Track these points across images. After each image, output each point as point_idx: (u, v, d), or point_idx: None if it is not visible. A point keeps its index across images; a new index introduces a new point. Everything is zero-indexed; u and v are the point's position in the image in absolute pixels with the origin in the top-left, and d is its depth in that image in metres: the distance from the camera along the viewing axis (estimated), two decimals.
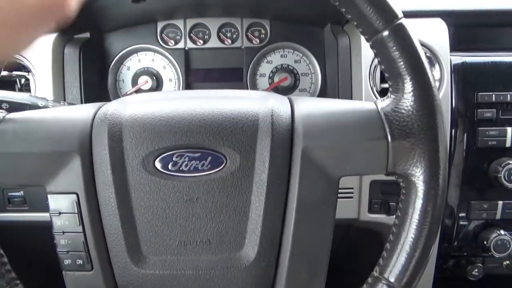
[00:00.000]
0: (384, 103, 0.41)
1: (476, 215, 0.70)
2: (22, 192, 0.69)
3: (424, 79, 0.38)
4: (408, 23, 0.38)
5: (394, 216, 0.41)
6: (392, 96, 0.40)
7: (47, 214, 0.70)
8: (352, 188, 0.70)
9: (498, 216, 0.70)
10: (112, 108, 0.42)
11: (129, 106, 0.42)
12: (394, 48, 0.38)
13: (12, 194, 0.69)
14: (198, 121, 0.41)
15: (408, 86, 0.38)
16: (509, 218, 0.70)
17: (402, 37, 0.38)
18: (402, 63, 0.38)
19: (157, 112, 0.41)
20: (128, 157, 0.40)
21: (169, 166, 0.40)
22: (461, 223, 0.73)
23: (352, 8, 0.38)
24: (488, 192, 0.70)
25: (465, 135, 0.68)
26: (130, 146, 0.40)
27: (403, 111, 0.39)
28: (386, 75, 0.40)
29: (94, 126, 0.41)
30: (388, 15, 0.38)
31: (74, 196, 0.40)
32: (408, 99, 0.39)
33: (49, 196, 0.41)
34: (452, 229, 0.73)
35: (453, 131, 0.68)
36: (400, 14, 0.38)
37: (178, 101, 0.43)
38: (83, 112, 0.42)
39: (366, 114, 0.41)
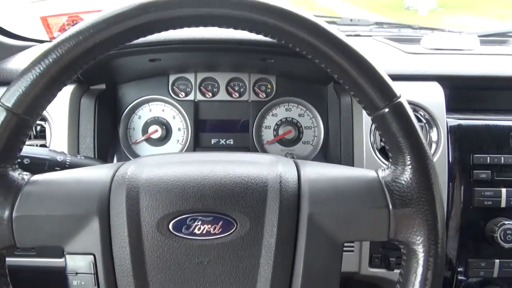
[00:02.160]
0: (385, 173, 0.44)
1: (473, 272, 0.71)
2: None
3: (422, 154, 0.41)
4: (406, 101, 0.41)
5: (397, 275, 0.43)
6: (392, 167, 0.43)
7: (53, 260, 0.71)
8: (353, 242, 0.72)
9: (495, 275, 0.71)
10: (130, 170, 0.44)
11: (146, 169, 0.45)
12: (394, 124, 0.41)
13: None
14: (211, 186, 0.43)
15: (407, 159, 0.41)
16: (506, 276, 0.71)
17: (401, 115, 0.41)
18: (401, 138, 0.41)
19: (173, 176, 0.44)
20: (144, 219, 0.42)
21: (183, 229, 0.42)
22: (460, 278, 0.74)
23: (355, 86, 0.41)
24: (485, 250, 0.72)
25: (462, 194, 0.70)
26: (146, 209, 0.42)
27: (403, 182, 0.42)
28: (387, 147, 0.43)
29: (113, 188, 0.43)
30: (388, 94, 0.41)
31: (91, 257, 0.41)
32: (407, 171, 0.41)
33: (67, 256, 0.42)
34: (451, 285, 0.74)
35: (450, 190, 0.71)
36: (399, 93, 0.41)
37: (192, 165, 0.46)
38: (102, 173, 0.45)
39: (368, 183, 0.43)
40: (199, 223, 0.42)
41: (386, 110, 0.41)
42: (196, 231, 0.42)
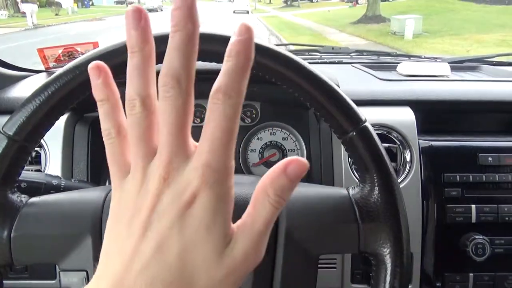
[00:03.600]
0: (354, 191, 0.48)
1: (450, 286, 0.75)
2: None
3: (386, 173, 0.45)
4: (370, 126, 0.46)
5: None
6: (361, 185, 0.47)
7: (46, 282, 0.73)
8: (335, 259, 0.75)
9: None
10: None
11: None
12: (360, 146, 0.45)
13: None
14: None
15: (373, 178, 0.45)
16: None
17: (367, 138, 0.45)
18: (367, 159, 0.45)
19: None
20: None
21: None
22: None
23: (325, 113, 0.46)
24: (460, 264, 0.75)
25: (435, 211, 0.74)
26: None
27: (370, 198, 0.46)
28: (355, 167, 0.48)
29: (105, 209, 0.46)
30: (355, 119, 0.45)
31: (84, 273, 0.44)
32: (373, 189, 0.46)
33: (61, 273, 0.45)
34: None
35: (424, 207, 0.75)
36: (364, 118, 0.46)
37: None
38: (95, 195, 0.48)
39: (340, 200, 0.47)
40: None
41: (353, 133, 0.45)
42: None
